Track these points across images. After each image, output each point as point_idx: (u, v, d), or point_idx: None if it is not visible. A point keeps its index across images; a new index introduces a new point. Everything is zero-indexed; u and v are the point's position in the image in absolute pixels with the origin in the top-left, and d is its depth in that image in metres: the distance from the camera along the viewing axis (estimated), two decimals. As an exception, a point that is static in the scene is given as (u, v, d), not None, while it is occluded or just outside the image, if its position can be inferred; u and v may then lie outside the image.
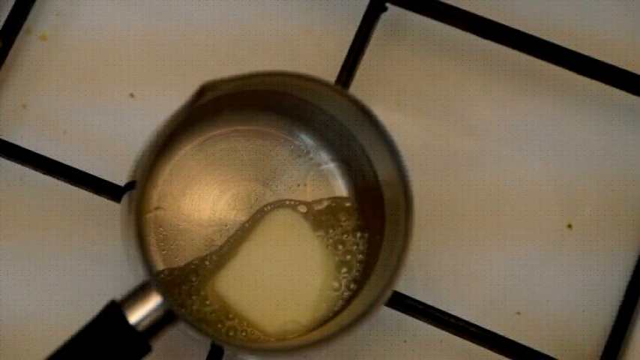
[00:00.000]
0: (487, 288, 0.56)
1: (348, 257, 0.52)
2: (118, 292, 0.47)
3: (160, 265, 0.51)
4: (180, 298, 0.51)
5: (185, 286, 0.51)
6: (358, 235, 0.53)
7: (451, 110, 0.58)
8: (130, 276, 0.48)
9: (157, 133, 0.46)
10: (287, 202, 0.53)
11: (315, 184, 0.53)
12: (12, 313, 0.55)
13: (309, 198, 0.53)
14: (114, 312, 0.46)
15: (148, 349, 0.46)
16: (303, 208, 0.53)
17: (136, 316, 0.46)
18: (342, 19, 0.58)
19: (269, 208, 0.52)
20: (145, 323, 0.46)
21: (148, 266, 0.46)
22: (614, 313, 0.55)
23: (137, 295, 0.46)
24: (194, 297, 0.51)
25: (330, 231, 0.52)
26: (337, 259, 0.52)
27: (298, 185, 0.53)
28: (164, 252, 0.52)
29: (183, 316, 0.46)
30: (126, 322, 0.46)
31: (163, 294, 0.46)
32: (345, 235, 0.52)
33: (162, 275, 0.51)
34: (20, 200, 0.56)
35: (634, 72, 0.56)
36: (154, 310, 0.46)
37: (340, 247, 0.52)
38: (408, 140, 0.49)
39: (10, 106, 0.57)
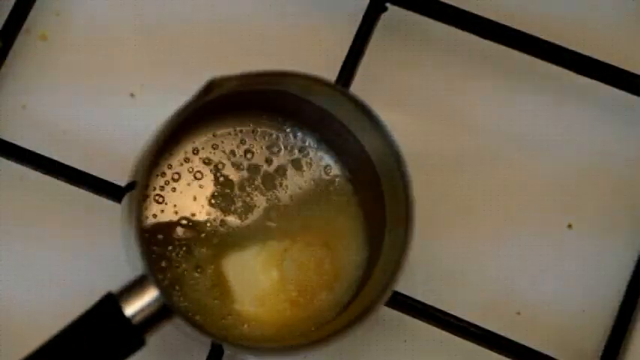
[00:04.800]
0: (487, 288, 0.56)
1: (350, 257, 0.52)
2: (117, 293, 0.47)
3: (160, 265, 0.51)
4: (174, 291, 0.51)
5: (178, 283, 0.51)
6: (360, 235, 0.53)
7: (451, 110, 0.58)
8: (130, 276, 0.48)
9: (161, 128, 0.46)
10: (289, 207, 0.53)
11: (315, 184, 0.53)
12: (12, 313, 0.55)
13: (309, 199, 0.53)
14: (110, 303, 0.46)
15: (141, 343, 0.46)
16: (303, 210, 0.53)
17: (132, 308, 0.46)
18: (342, 19, 0.58)
19: (271, 215, 0.52)
20: (140, 317, 0.46)
21: (146, 260, 0.46)
22: (614, 313, 0.55)
23: (134, 287, 0.46)
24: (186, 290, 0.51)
25: (332, 231, 0.52)
26: (337, 262, 0.52)
27: (299, 185, 0.53)
28: (164, 251, 0.52)
29: (179, 312, 0.46)
30: (121, 314, 0.46)
31: (160, 288, 0.46)
32: (347, 236, 0.52)
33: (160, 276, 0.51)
34: (20, 200, 0.56)
35: (634, 72, 0.56)
36: (150, 304, 0.46)
37: (341, 247, 0.52)
38: (408, 140, 0.49)
39: (10, 106, 0.57)
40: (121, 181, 0.51)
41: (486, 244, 0.56)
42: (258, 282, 0.52)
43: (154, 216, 0.52)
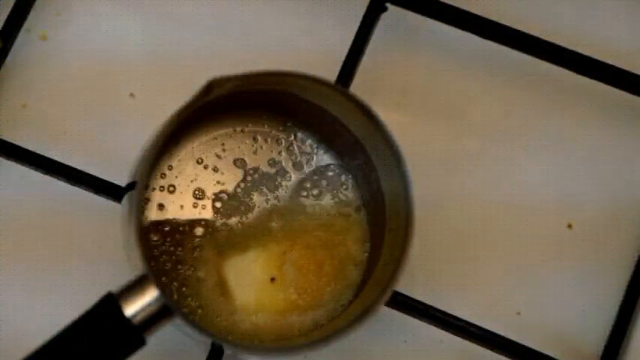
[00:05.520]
0: (487, 288, 0.56)
1: (350, 257, 0.52)
2: (117, 293, 0.47)
3: (159, 264, 0.51)
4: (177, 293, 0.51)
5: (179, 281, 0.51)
6: (360, 235, 0.53)
7: (451, 110, 0.58)
8: (131, 276, 0.48)
9: (161, 128, 0.46)
10: (290, 208, 0.53)
11: (316, 184, 0.53)
12: (11, 313, 0.55)
13: (310, 199, 0.53)
14: (110, 303, 0.46)
15: (142, 343, 0.46)
16: (304, 211, 0.53)
17: (132, 309, 0.46)
18: (342, 19, 0.58)
19: (272, 216, 0.52)
20: (140, 317, 0.46)
21: (147, 260, 0.46)
22: (614, 313, 0.55)
23: (134, 287, 0.46)
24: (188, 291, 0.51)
25: (332, 231, 0.52)
26: (338, 263, 0.52)
27: (299, 186, 0.53)
28: (164, 252, 0.52)
29: (179, 312, 0.46)
30: (121, 314, 0.46)
31: (160, 288, 0.46)
32: (347, 236, 0.52)
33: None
34: (20, 200, 0.56)
35: (634, 72, 0.56)
36: (150, 304, 0.46)
37: (342, 247, 0.52)
38: (408, 140, 0.49)
39: (10, 106, 0.57)
40: (121, 181, 0.51)
41: (486, 243, 0.56)
42: (258, 282, 0.52)
43: (155, 216, 0.52)
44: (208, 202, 0.52)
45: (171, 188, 0.52)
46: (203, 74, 0.47)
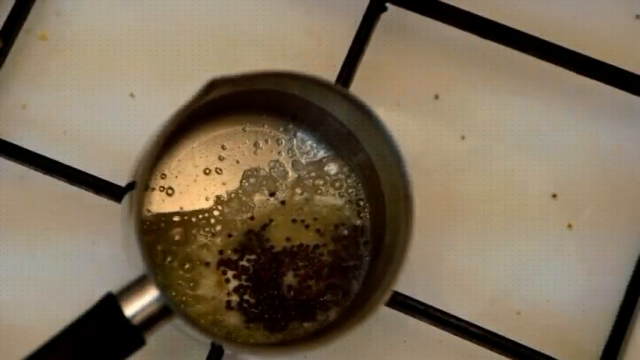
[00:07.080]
0: (487, 288, 0.56)
1: (350, 257, 0.52)
2: (117, 293, 0.47)
3: (159, 264, 0.51)
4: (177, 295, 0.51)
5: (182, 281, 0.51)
6: (360, 235, 0.53)
7: (451, 110, 0.58)
8: (131, 276, 0.48)
9: (161, 128, 0.46)
10: (290, 208, 0.53)
11: (316, 185, 0.53)
12: (12, 312, 0.55)
13: (310, 199, 0.53)
14: (110, 303, 0.46)
15: (141, 343, 0.46)
16: (304, 210, 0.53)
17: (132, 309, 0.46)
18: (342, 19, 0.58)
19: (271, 216, 0.52)
20: (140, 317, 0.46)
21: (147, 260, 0.46)
22: (614, 313, 0.55)
23: (134, 287, 0.46)
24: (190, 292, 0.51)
25: (333, 232, 0.52)
26: (338, 263, 0.52)
27: (300, 186, 0.53)
28: (164, 251, 0.52)
29: (179, 312, 0.46)
30: (121, 314, 0.46)
31: (161, 288, 0.46)
32: (347, 236, 0.52)
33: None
34: (20, 200, 0.56)
35: (634, 72, 0.56)
36: (150, 304, 0.46)
37: (342, 247, 0.52)
38: (408, 140, 0.49)
39: (10, 106, 0.57)
40: (121, 181, 0.51)
41: (486, 243, 0.56)
42: (259, 282, 0.52)
43: (155, 216, 0.52)
44: (208, 203, 0.52)
45: (171, 188, 0.52)
46: (203, 74, 0.47)
